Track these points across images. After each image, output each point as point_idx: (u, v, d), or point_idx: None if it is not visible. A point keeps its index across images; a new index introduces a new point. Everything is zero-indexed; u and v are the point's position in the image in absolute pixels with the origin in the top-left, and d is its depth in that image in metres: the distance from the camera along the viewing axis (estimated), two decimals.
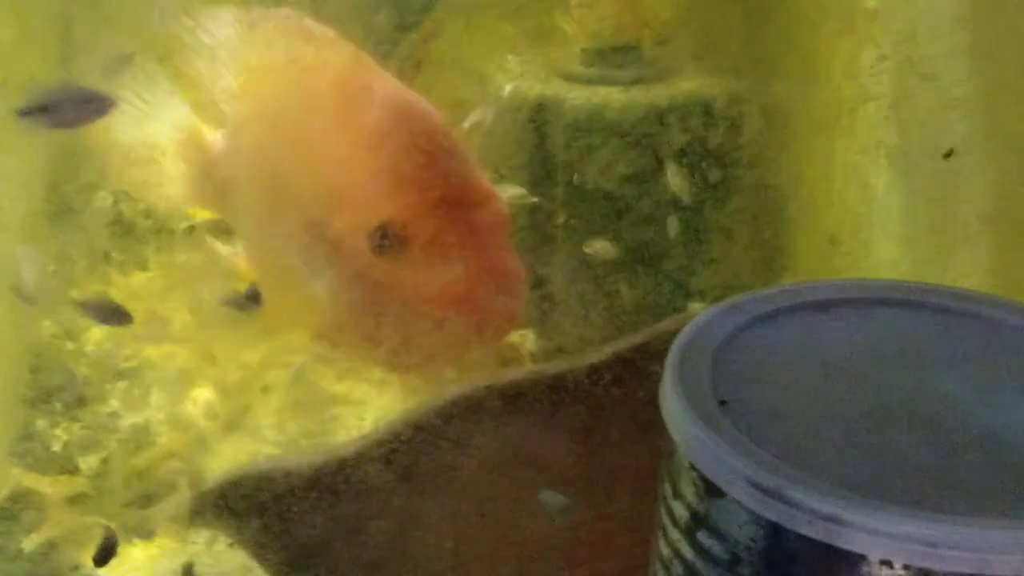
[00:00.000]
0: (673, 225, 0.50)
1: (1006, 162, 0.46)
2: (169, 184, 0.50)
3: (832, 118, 0.49)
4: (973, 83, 0.46)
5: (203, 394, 0.56)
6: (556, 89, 0.58)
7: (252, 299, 0.46)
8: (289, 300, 0.47)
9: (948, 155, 0.46)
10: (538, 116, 0.55)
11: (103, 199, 0.55)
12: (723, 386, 0.36)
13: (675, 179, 0.52)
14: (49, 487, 0.52)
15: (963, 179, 0.46)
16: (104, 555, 0.50)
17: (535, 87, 0.57)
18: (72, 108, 0.45)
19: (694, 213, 0.50)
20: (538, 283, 0.55)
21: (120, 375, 0.55)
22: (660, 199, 0.49)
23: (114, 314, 0.47)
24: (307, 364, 0.52)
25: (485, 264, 0.44)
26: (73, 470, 0.52)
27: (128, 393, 0.54)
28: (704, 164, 0.49)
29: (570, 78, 0.60)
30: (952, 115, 0.46)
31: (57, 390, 0.55)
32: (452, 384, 0.45)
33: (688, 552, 0.35)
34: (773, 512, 0.33)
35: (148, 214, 0.55)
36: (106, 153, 0.51)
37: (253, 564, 0.47)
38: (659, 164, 0.51)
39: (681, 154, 0.51)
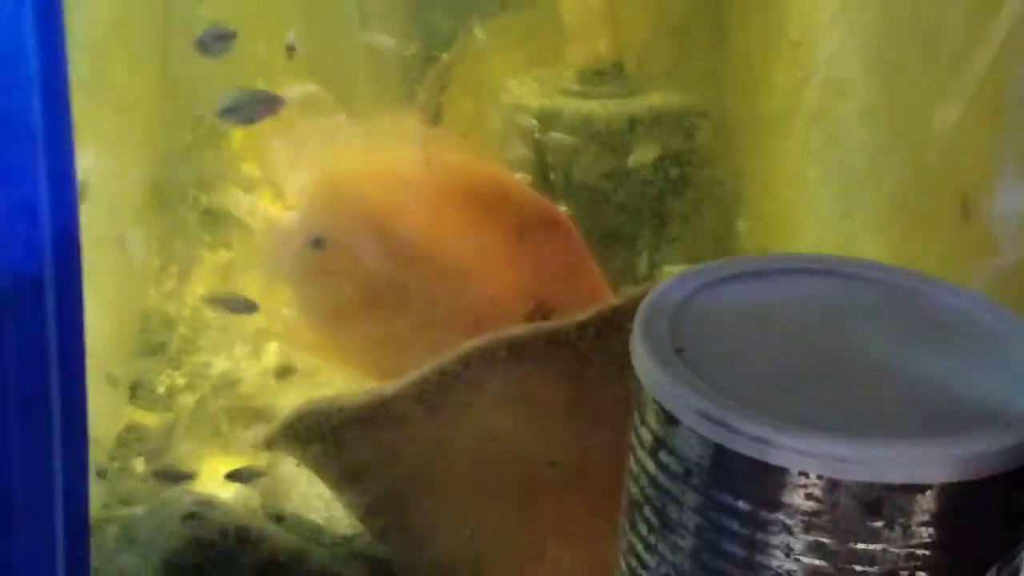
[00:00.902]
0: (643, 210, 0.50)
1: (907, 161, 0.46)
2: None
3: (769, 126, 0.48)
4: (880, 97, 0.46)
5: (275, 347, 0.56)
6: (554, 102, 0.58)
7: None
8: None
9: None
10: (541, 125, 0.55)
11: (195, 194, 0.55)
12: (679, 338, 0.36)
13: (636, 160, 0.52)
14: (155, 421, 0.52)
15: (873, 175, 0.46)
16: (174, 477, 0.50)
17: (539, 101, 0.57)
18: (252, 108, 0.46)
19: (658, 202, 0.50)
20: None
21: (211, 332, 0.55)
22: (632, 191, 0.49)
23: (244, 305, 0.47)
24: None
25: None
26: (174, 408, 0.52)
27: (216, 347, 0.55)
28: (666, 163, 0.48)
29: (566, 93, 0.60)
30: (864, 123, 0.46)
31: (161, 345, 0.56)
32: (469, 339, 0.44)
33: (652, 468, 0.36)
34: (717, 436, 0.34)
35: (232, 207, 0.55)
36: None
37: (315, 479, 0.47)
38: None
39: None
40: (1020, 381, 0.36)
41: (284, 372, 0.55)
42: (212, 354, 0.54)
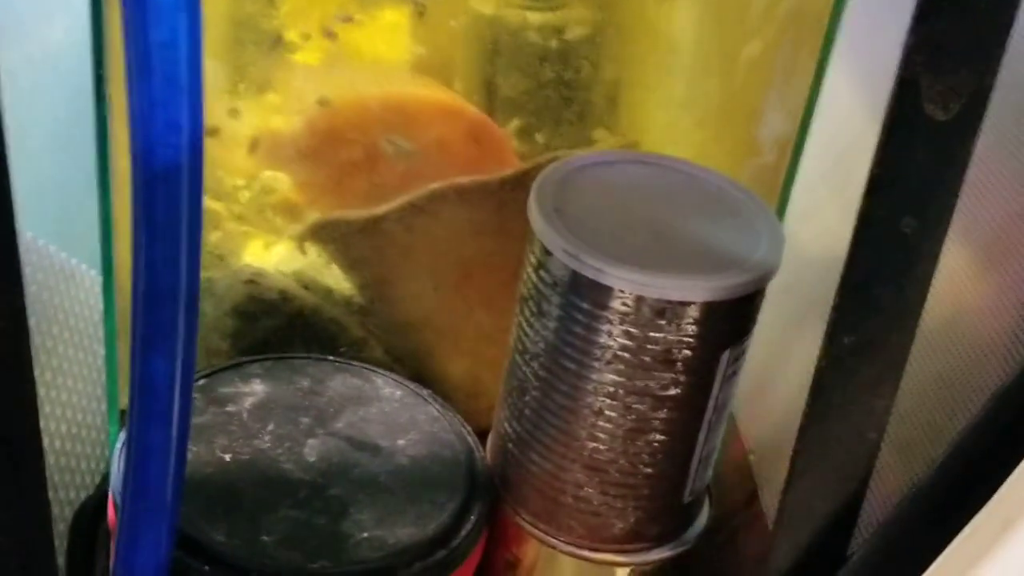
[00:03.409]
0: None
1: (718, 84, 0.48)
2: None
3: (649, 33, 0.47)
4: (701, 37, 0.47)
5: None
6: (506, 12, 0.55)
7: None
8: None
9: None
10: (495, 30, 0.49)
11: None
12: (557, 201, 0.40)
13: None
14: (222, 208, 0.50)
15: (696, 93, 0.48)
16: None
17: (496, 11, 0.53)
18: None
19: (559, 97, 0.48)
20: None
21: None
22: (544, 79, 0.47)
23: None
24: None
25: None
26: (237, 201, 0.50)
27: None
28: (566, 59, 0.46)
29: (513, 5, 0.57)
30: (692, 57, 0.47)
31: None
32: (432, 181, 0.47)
33: (535, 279, 0.40)
34: (573, 265, 0.38)
35: None
36: None
37: (331, 263, 0.50)
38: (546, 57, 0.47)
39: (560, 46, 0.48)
40: (756, 241, 0.40)
41: None
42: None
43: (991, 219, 0.44)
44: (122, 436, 0.42)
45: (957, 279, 0.46)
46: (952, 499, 0.36)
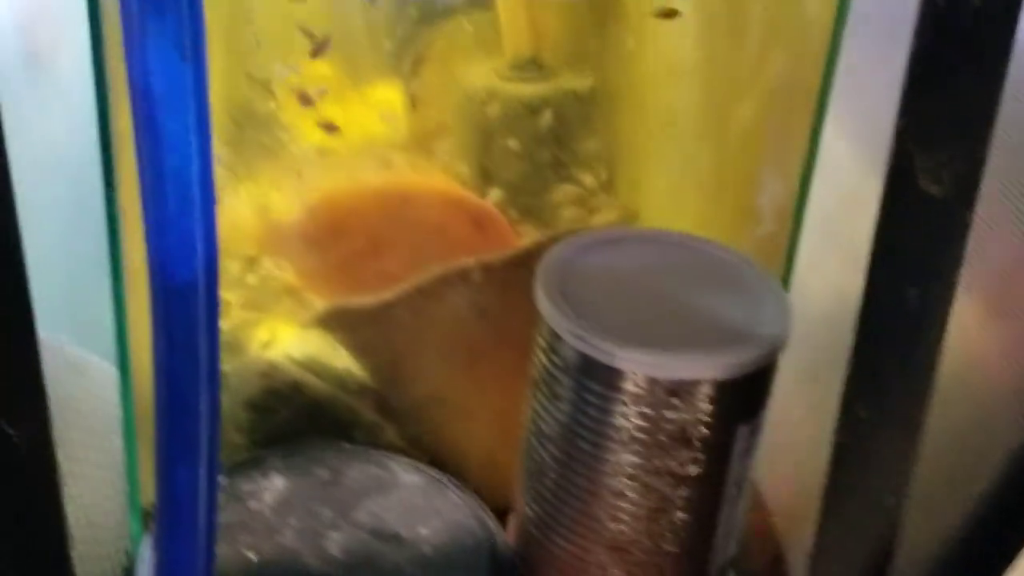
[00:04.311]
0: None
1: (713, 149, 0.48)
2: None
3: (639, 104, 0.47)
4: (698, 104, 0.48)
5: None
6: (495, 84, 0.56)
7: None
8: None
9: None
10: (485, 102, 0.49)
11: None
12: (564, 284, 0.41)
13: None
14: (231, 297, 0.50)
15: (693, 161, 0.48)
16: None
17: (486, 83, 0.49)
18: None
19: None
20: None
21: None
22: (540, 159, 0.47)
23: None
24: None
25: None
26: (244, 287, 0.50)
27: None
28: (560, 132, 0.47)
29: (503, 78, 0.58)
30: (687, 128, 0.48)
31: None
32: (445, 265, 0.47)
33: (545, 362, 0.41)
34: (583, 348, 0.39)
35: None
36: None
37: (342, 350, 0.50)
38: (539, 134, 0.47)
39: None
40: (762, 314, 0.40)
41: None
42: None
43: (996, 266, 0.44)
44: (146, 541, 0.42)
45: (967, 329, 0.46)
46: (980, 556, 0.37)
